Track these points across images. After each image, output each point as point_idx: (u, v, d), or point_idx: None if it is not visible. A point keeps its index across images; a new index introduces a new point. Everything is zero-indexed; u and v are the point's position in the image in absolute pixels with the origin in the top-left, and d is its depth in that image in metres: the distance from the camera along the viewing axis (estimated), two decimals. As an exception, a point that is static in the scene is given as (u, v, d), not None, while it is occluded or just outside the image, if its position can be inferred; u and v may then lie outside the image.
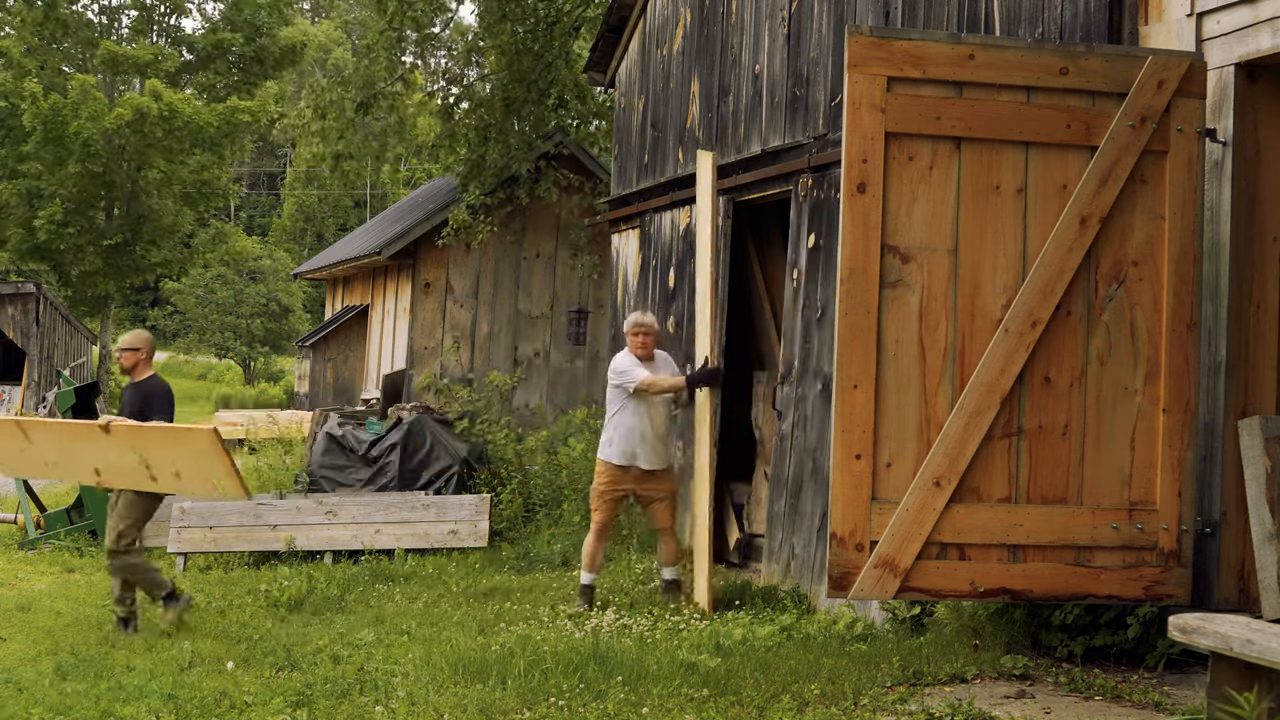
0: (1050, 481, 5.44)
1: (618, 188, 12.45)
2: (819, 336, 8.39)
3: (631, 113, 12.13)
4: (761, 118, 9.51)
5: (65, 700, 5.75)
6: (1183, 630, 4.57)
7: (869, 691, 5.56)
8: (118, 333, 35.63)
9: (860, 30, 5.46)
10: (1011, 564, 5.41)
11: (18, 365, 28.09)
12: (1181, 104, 5.48)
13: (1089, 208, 5.44)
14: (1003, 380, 5.39)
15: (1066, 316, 5.46)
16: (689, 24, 10.86)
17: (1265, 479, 4.84)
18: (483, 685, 5.84)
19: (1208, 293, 5.60)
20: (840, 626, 7.07)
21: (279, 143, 44.81)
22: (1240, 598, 5.47)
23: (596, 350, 17.99)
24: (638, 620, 7.68)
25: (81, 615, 8.29)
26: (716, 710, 5.40)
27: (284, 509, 10.81)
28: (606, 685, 5.78)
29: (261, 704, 5.64)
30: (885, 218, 5.42)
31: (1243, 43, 5.46)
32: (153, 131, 28.10)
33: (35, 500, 12.90)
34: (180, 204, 30.74)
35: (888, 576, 5.34)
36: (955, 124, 5.44)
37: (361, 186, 51.81)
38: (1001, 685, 5.56)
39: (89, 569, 10.73)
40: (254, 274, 46.70)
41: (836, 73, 8.37)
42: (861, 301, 5.38)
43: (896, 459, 5.39)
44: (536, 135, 17.01)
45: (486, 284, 18.04)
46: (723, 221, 10.01)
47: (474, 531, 10.80)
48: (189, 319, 46.16)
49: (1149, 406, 5.48)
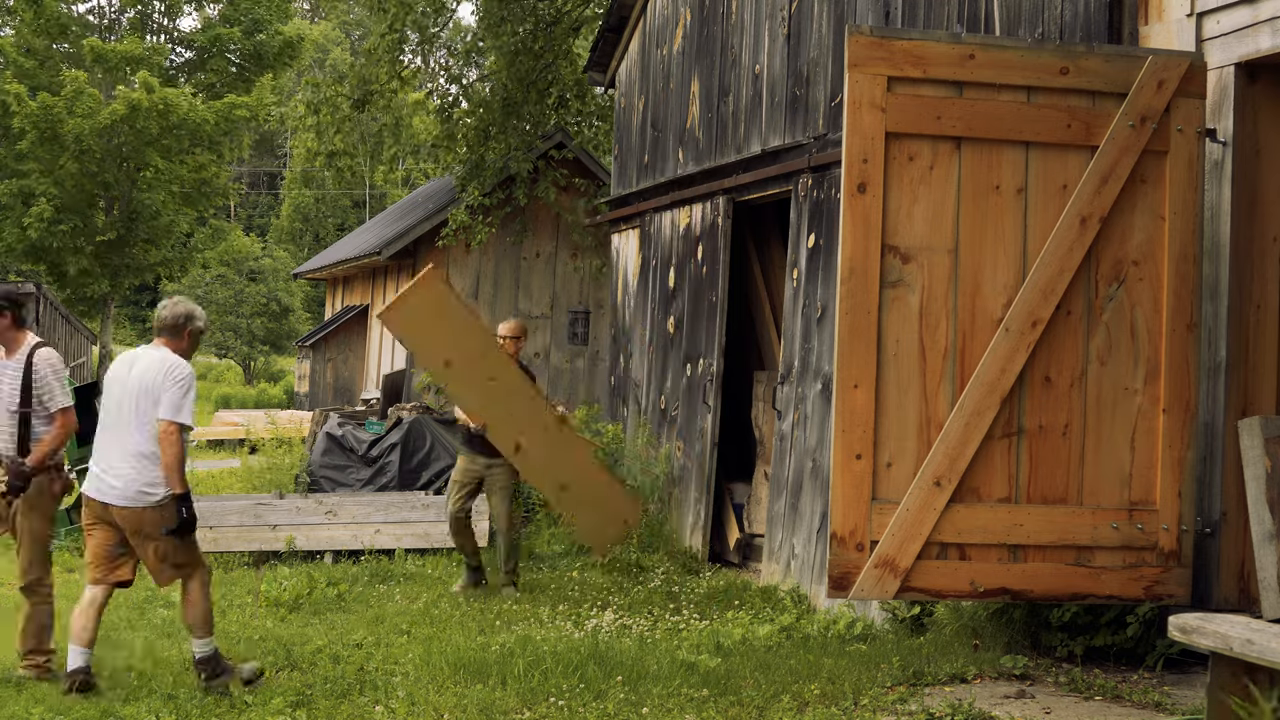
0: (1050, 481, 5.44)
1: (618, 188, 12.45)
2: (819, 336, 8.39)
3: (631, 113, 12.13)
4: (761, 118, 9.51)
5: (65, 700, 5.75)
6: (1183, 630, 4.57)
7: (869, 691, 5.56)
8: (117, 333, 35.66)
9: (860, 30, 5.46)
10: (1012, 564, 5.41)
11: (17, 365, 28.05)
12: (1181, 104, 5.48)
13: (1089, 208, 5.44)
14: (1003, 380, 5.39)
15: (1067, 316, 5.46)
16: (689, 24, 10.86)
17: (1265, 479, 4.84)
18: (483, 685, 5.84)
19: (1208, 293, 5.60)
20: (840, 626, 7.07)
21: (275, 129, 44.78)
22: (1240, 598, 5.47)
23: (596, 350, 17.99)
24: (637, 620, 7.68)
25: (81, 615, 8.28)
26: (716, 710, 5.40)
27: (284, 509, 10.80)
28: (606, 685, 5.78)
29: (261, 704, 5.64)
30: (885, 218, 5.42)
31: (1242, 43, 5.46)
32: (148, 128, 28.06)
33: (35, 500, 12.87)
34: (179, 203, 30.71)
35: (888, 576, 5.34)
36: (955, 124, 5.45)
37: (360, 186, 51.79)
38: (1001, 685, 5.56)
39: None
40: (254, 274, 46.71)
41: (836, 73, 8.37)
42: (862, 301, 5.38)
43: (897, 459, 5.39)
44: (536, 135, 17.01)
45: (487, 284, 18.05)
46: (723, 221, 10.02)
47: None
48: (188, 319, 46.04)
49: (1149, 406, 5.48)
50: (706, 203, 10.31)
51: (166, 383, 5.84)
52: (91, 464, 6.03)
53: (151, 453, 5.86)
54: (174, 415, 5.81)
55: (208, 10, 34.24)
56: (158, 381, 5.85)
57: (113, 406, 5.98)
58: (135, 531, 5.90)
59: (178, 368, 5.91)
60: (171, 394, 5.82)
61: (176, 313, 6.09)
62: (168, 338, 6.04)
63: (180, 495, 5.86)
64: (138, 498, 5.84)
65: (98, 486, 5.93)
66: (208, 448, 21.15)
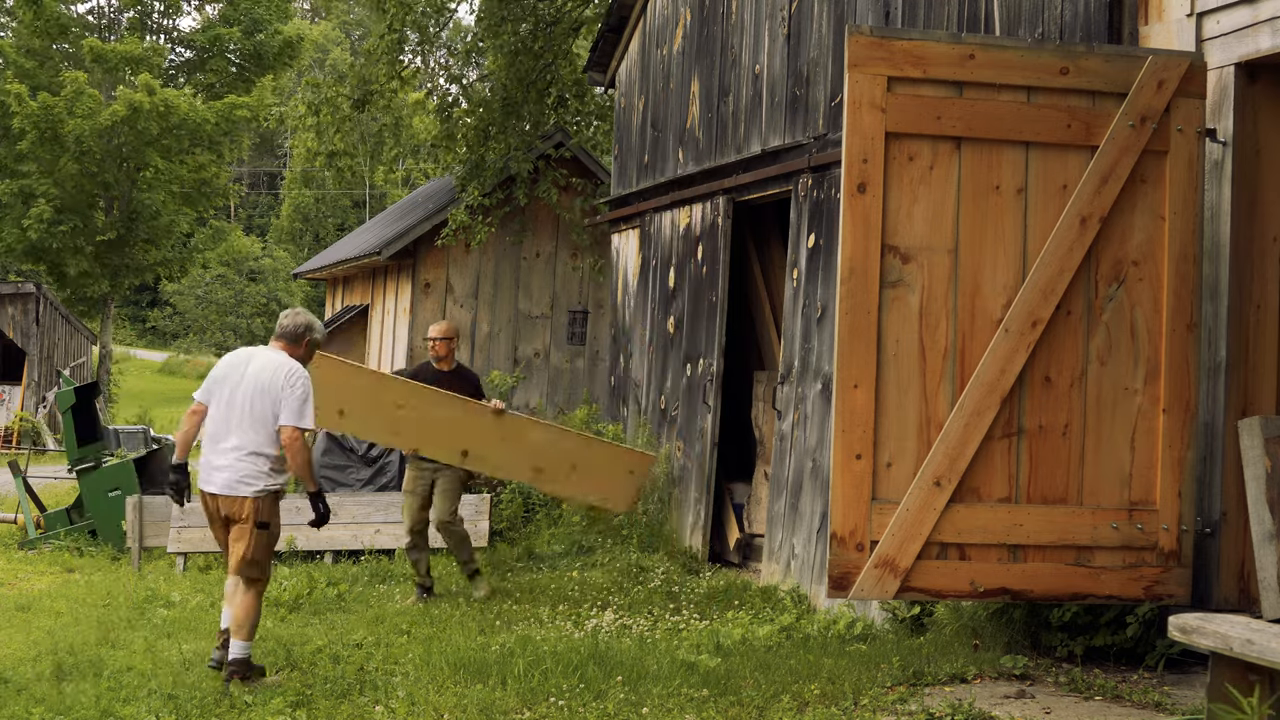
0: (1050, 481, 5.44)
1: (618, 188, 12.45)
2: (819, 336, 8.39)
3: (631, 113, 12.13)
4: (761, 118, 9.51)
5: (65, 700, 5.75)
6: (1183, 630, 4.57)
7: (869, 691, 5.56)
8: (117, 333, 35.65)
9: (860, 30, 5.46)
10: (1011, 564, 5.41)
11: (18, 365, 28.08)
12: (1181, 104, 5.48)
13: (1089, 208, 5.44)
14: (1003, 380, 5.39)
15: (1067, 316, 5.46)
16: (689, 24, 10.86)
17: (1265, 479, 4.84)
18: (483, 685, 5.84)
19: (1208, 293, 5.60)
20: (840, 626, 7.07)
21: (275, 129, 44.77)
22: (1240, 598, 5.47)
23: (596, 350, 17.99)
24: (637, 620, 7.68)
25: (81, 615, 8.29)
26: (716, 710, 5.40)
27: (284, 509, 10.77)
28: (606, 685, 5.78)
29: (261, 704, 5.64)
30: (885, 218, 5.42)
31: (1242, 43, 5.46)
32: (148, 128, 28.07)
33: (35, 500, 12.89)
34: (179, 203, 30.72)
35: (888, 576, 5.34)
36: (955, 124, 5.44)
37: (360, 186, 51.81)
38: (1001, 685, 5.56)
39: (89, 569, 10.73)
40: (254, 274, 46.71)
41: (836, 73, 8.37)
42: (862, 301, 5.38)
43: (897, 459, 5.39)
44: (536, 135, 17.00)
45: (487, 284, 18.04)
46: (723, 221, 10.02)
47: (474, 531, 10.76)
48: (188, 319, 46.17)
49: (1149, 406, 5.48)
50: (706, 203, 10.32)
51: (286, 389, 6.12)
52: (202, 458, 6.31)
53: (259, 449, 6.14)
54: (297, 421, 6.12)
55: (207, 10, 34.22)
56: (277, 384, 6.13)
57: (223, 402, 6.22)
58: (233, 519, 6.18)
59: (296, 374, 6.19)
60: (292, 401, 6.12)
61: (297, 322, 6.43)
62: (286, 343, 6.37)
63: (314, 493, 6.39)
64: (237, 487, 6.12)
65: (207, 477, 6.22)
66: (208, 448, 21.17)
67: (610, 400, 12.27)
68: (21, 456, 18.36)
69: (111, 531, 11.62)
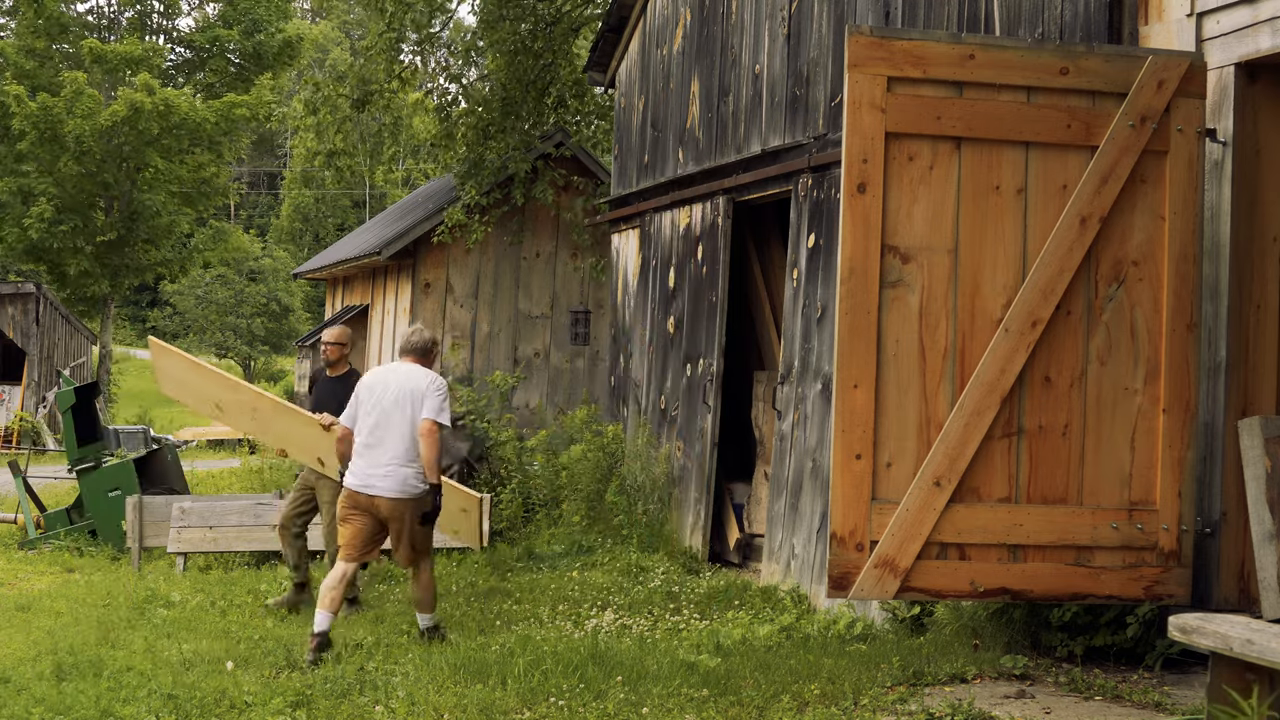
0: (1050, 481, 5.44)
1: (618, 188, 12.45)
2: (819, 336, 8.39)
3: (631, 113, 12.14)
4: (761, 118, 9.51)
5: (65, 700, 5.75)
6: (1183, 630, 4.57)
7: (869, 691, 5.56)
8: (117, 333, 35.66)
9: (860, 30, 5.46)
10: (1011, 564, 5.41)
11: (18, 365, 28.08)
12: (1181, 104, 5.48)
13: (1089, 208, 5.44)
14: (1003, 380, 5.39)
15: (1067, 316, 5.46)
16: (689, 24, 10.86)
17: (1265, 479, 4.84)
18: (483, 685, 5.84)
19: (1208, 293, 5.60)
20: (840, 626, 7.07)
21: (275, 129, 44.81)
22: (1240, 598, 5.47)
23: (596, 350, 18.00)
24: (637, 620, 7.68)
25: (81, 615, 8.28)
26: (716, 710, 5.40)
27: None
28: (606, 685, 5.78)
29: (261, 704, 5.64)
30: (885, 218, 5.42)
31: (1242, 43, 5.46)
32: (148, 128, 28.08)
33: (35, 500, 12.90)
34: (179, 203, 30.73)
35: (888, 576, 5.34)
36: (955, 124, 5.44)
37: (360, 186, 51.81)
38: (1001, 685, 5.56)
39: (89, 569, 10.73)
40: (254, 274, 46.74)
41: (836, 73, 8.37)
42: (861, 301, 5.38)
43: (896, 459, 5.39)
44: (535, 135, 17.00)
45: (487, 284, 18.05)
46: (723, 221, 10.02)
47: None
48: (188, 319, 46.17)
49: (1149, 406, 5.48)
50: (706, 203, 10.32)
51: (431, 390, 6.91)
52: (353, 463, 6.98)
53: (413, 459, 6.88)
54: (436, 415, 6.85)
55: (207, 10, 34.22)
56: (422, 387, 6.93)
57: (377, 412, 6.94)
58: (397, 518, 6.90)
59: (438, 379, 7.04)
60: (434, 399, 6.89)
61: (424, 338, 7.28)
62: (417, 357, 7.17)
63: (434, 486, 6.95)
64: (404, 489, 6.88)
65: (364, 481, 6.90)
66: (208, 448, 21.15)
67: (610, 400, 12.27)
68: (21, 456, 18.36)
69: (111, 531, 11.62)
